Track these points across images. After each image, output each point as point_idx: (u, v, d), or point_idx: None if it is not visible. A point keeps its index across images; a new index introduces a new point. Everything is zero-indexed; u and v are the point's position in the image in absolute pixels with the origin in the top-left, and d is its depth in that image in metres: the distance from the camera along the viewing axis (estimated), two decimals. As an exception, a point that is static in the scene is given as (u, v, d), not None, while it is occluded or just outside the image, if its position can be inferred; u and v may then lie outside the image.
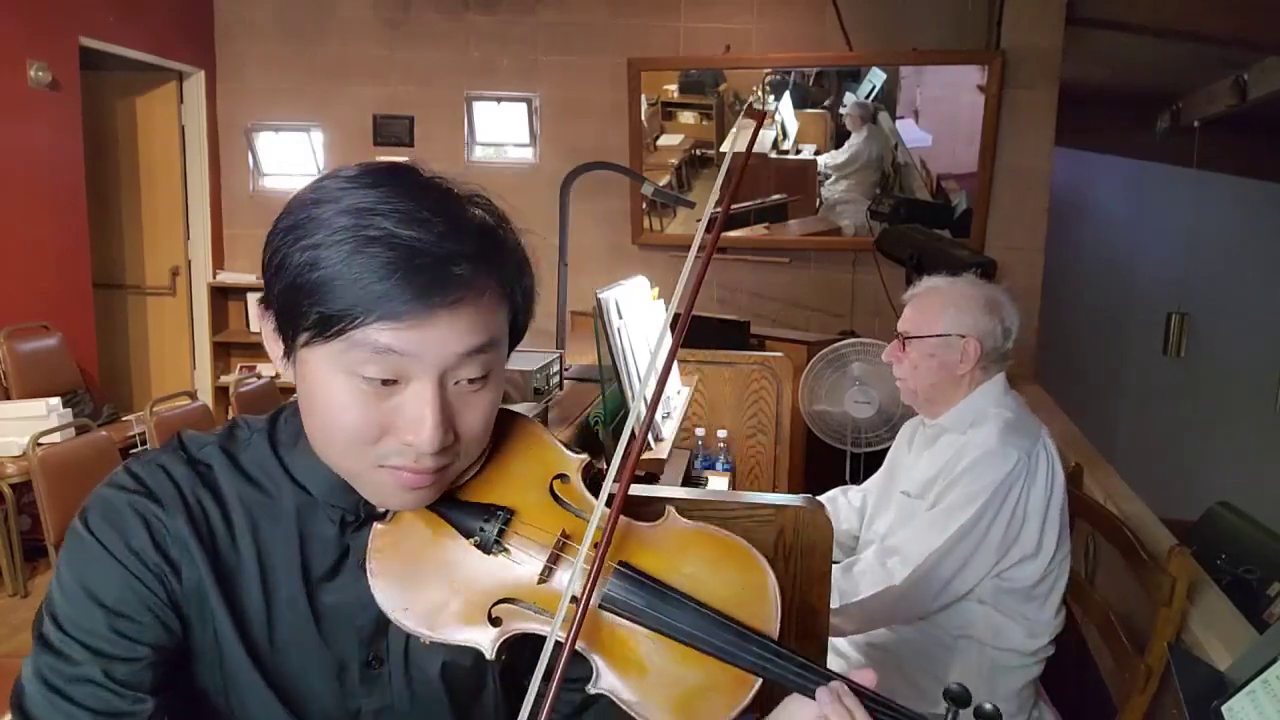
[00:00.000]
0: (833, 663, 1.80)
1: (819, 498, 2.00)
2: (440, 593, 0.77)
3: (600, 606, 0.76)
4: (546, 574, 0.77)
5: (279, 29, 5.00)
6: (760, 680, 0.76)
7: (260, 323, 0.77)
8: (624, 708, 0.75)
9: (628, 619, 0.76)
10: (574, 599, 0.73)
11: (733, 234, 4.82)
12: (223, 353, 5.22)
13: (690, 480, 2.33)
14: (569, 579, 0.74)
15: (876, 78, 4.60)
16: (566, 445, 0.84)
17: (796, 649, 0.77)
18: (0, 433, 3.32)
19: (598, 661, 0.76)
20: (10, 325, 3.77)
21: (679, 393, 2.05)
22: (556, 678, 0.70)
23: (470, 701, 0.87)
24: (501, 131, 5.00)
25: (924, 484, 1.77)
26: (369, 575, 0.77)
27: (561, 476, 0.81)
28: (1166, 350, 4.92)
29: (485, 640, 0.75)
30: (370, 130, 5.02)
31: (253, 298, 5.13)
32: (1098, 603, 1.87)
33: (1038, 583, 1.68)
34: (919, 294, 1.83)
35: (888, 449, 2.11)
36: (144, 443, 3.44)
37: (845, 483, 3.02)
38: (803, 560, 1.32)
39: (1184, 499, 3.41)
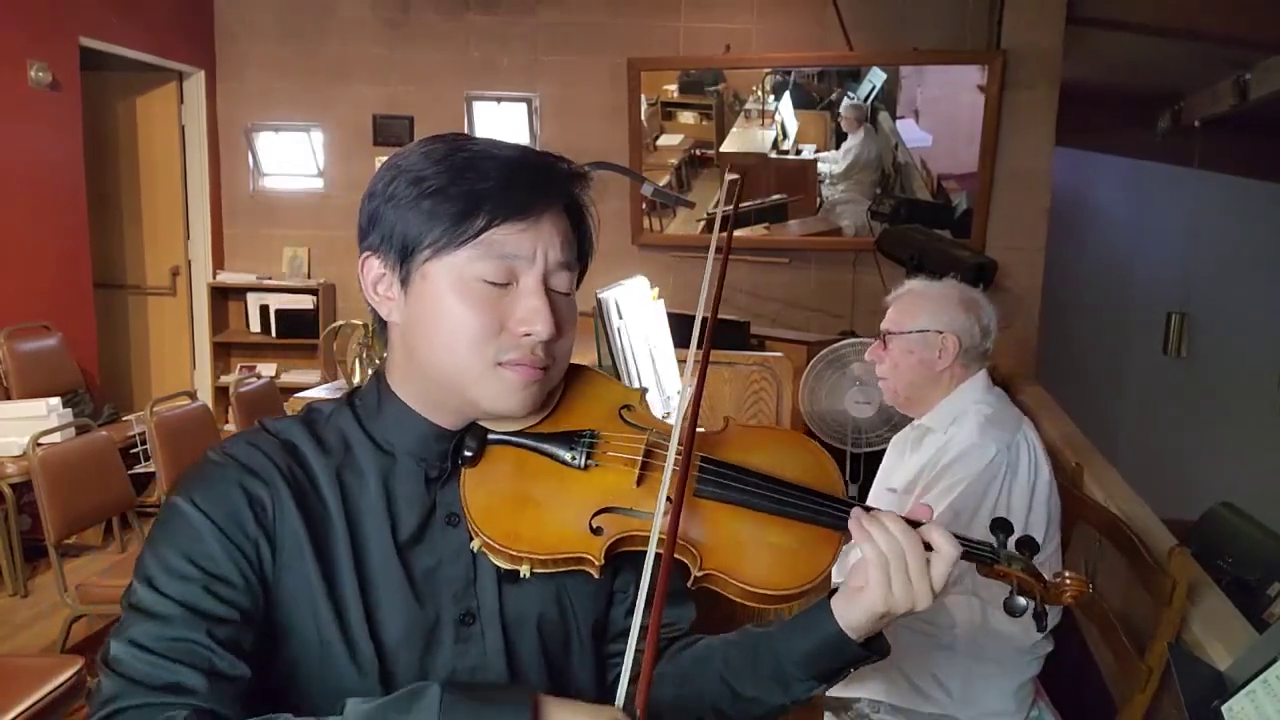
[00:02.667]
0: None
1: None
2: (542, 514, 0.82)
3: (695, 495, 0.83)
4: (640, 479, 0.84)
5: (279, 29, 5.00)
6: (843, 535, 0.83)
7: (363, 276, 0.84)
8: (729, 580, 0.81)
9: (720, 501, 0.84)
10: (668, 497, 0.78)
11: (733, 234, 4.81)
12: (223, 353, 5.22)
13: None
14: (664, 477, 0.79)
15: (876, 78, 4.60)
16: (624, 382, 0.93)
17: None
18: (0, 433, 3.32)
19: (698, 547, 0.81)
20: (10, 325, 3.77)
21: (679, 392, 2.04)
22: (666, 562, 0.73)
23: (562, 660, 0.89)
24: (502, 131, 5.00)
25: (909, 482, 1.81)
26: (471, 516, 0.81)
27: (627, 406, 0.90)
28: (1166, 350, 4.92)
29: (593, 549, 0.80)
30: (370, 130, 5.02)
31: (253, 298, 5.14)
32: (1098, 603, 1.86)
33: None
34: (900, 295, 1.90)
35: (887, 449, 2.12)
36: (144, 442, 3.44)
37: (845, 483, 3.02)
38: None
39: (1184, 499, 3.41)
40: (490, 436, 0.85)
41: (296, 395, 2.44)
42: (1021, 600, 0.81)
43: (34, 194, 3.97)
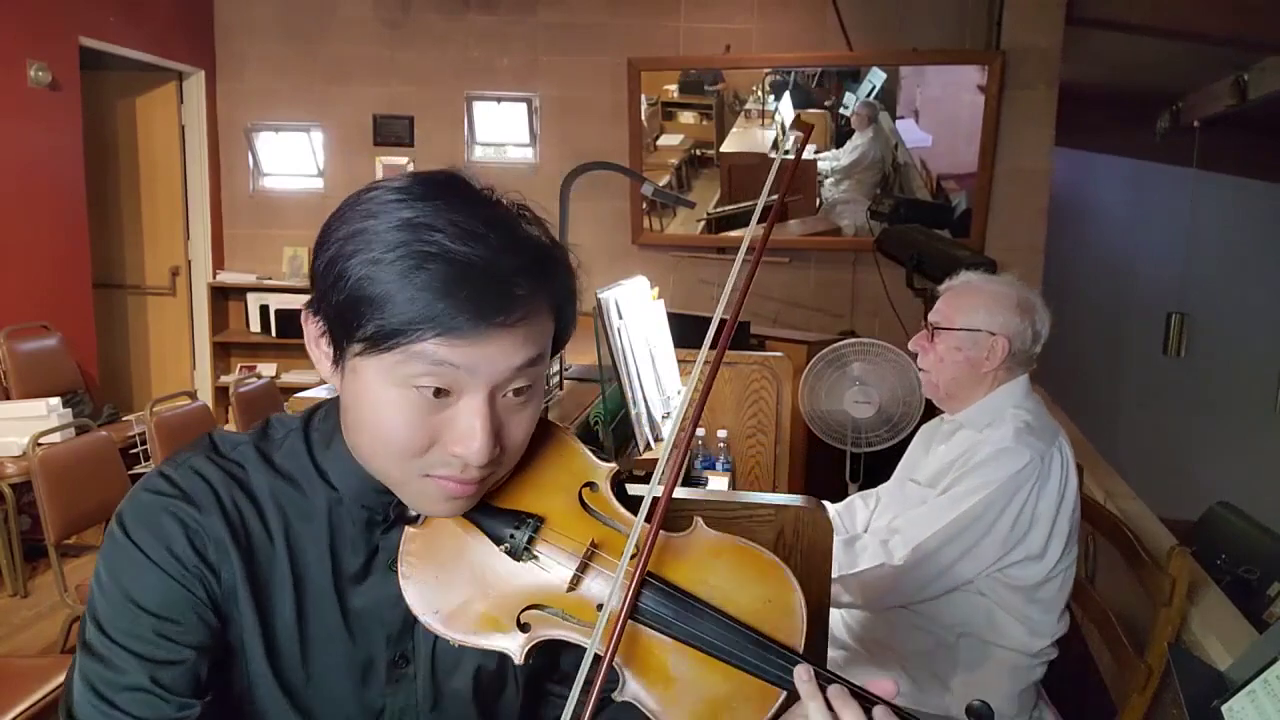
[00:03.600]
0: (834, 657, 1.80)
1: (834, 505, 2.01)
2: (470, 597, 0.78)
3: (632, 617, 0.76)
4: (575, 582, 0.78)
5: (279, 29, 5.00)
6: (785, 694, 0.76)
7: (306, 327, 0.77)
8: (650, 716, 0.76)
9: (657, 630, 0.77)
10: (604, 608, 0.74)
11: (732, 234, 4.82)
12: (223, 353, 5.23)
13: (690, 480, 2.33)
14: (603, 589, 0.75)
15: (876, 78, 4.60)
16: (595, 453, 0.85)
17: (823, 664, 0.77)
18: (0, 433, 3.32)
19: (625, 671, 0.76)
20: (10, 325, 3.77)
21: (679, 393, 2.05)
22: (595, 690, 0.70)
23: (493, 703, 0.88)
24: (501, 131, 5.01)
25: (935, 474, 1.77)
26: (401, 577, 0.78)
27: (590, 485, 0.82)
28: (1166, 350, 4.91)
29: (514, 645, 0.76)
30: (370, 130, 5.02)
31: (253, 298, 5.13)
32: (1098, 603, 1.86)
33: (1041, 584, 1.68)
34: (955, 287, 1.81)
35: (888, 449, 2.11)
36: (144, 443, 3.44)
37: (845, 483, 3.02)
38: (803, 560, 1.32)
39: (1184, 499, 3.41)
40: None
41: (297, 395, 2.44)
42: None
43: (34, 194, 3.97)
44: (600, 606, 0.76)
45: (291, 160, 5.13)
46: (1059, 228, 4.93)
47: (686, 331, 2.34)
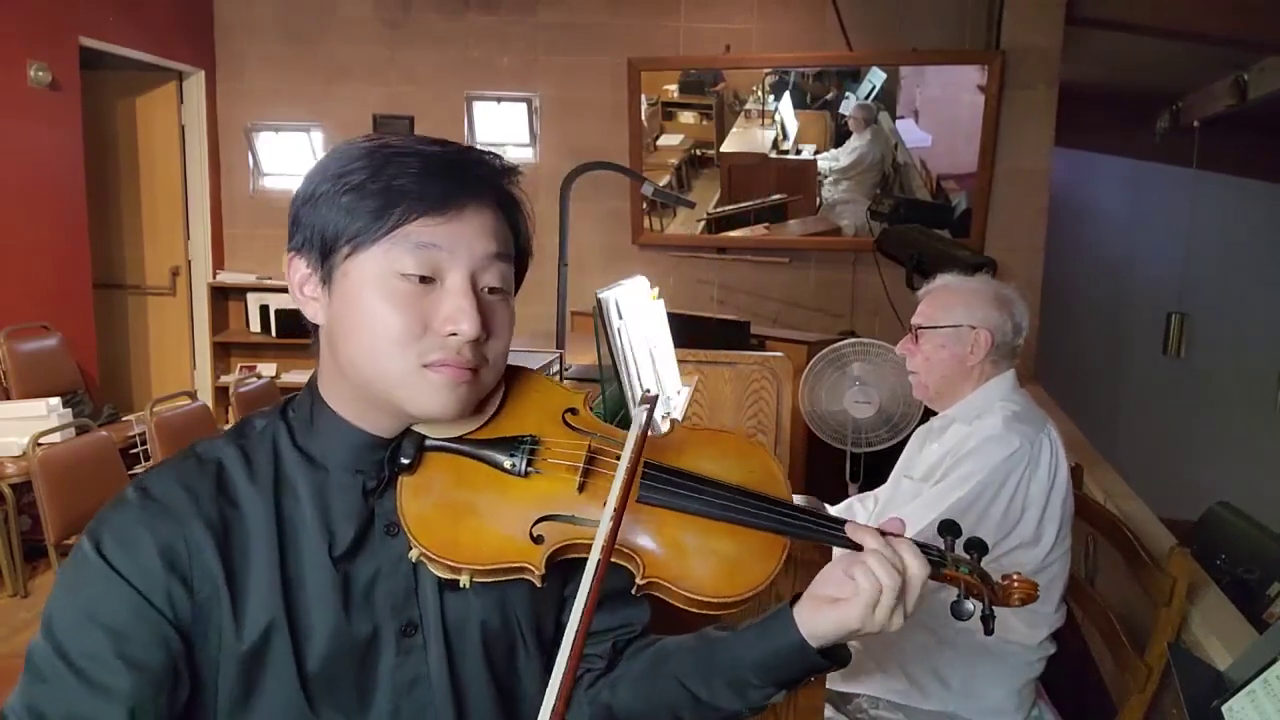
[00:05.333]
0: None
1: (833, 508, 2.02)
2: (482, 523, 0.81)
3: (639, 501, 0.82)
4: (582, 485, 0.82)
5: (279, 29, 5.00)
6: (789, 540, 0.82)
7: (291, 275, 0.81)
8: (673, 588, 0.80)
9: (664, 507, 0.82)
10: (611, 492, 0.77)
11: (733, 234, 4.83)
12: (223, 353, 5.22)
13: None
14: (614, 485, 0.77)
15: (876, 78, 4.60)
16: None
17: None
18: (0, 433, 3.32)
19: (640, 556, 0.81)
20: (10, 325, 3.77)
21: (679, 393, 2.05)
22: (606, 557, 0.71)
23: (506, 668, 0.88)
24: (501, 131, 5.00)
25: (929, 470, 1.80)
26: (409, 525, 0.79)
27: (571, 410, 0.88)
28: (1166, 350, 4.91)
29: (532, 559, 0.79)
30: (370, 130, 5.02)
31: (253, 298, 5.14)
32: (1098, 603, 1.87)
33: (1036, 572, 1.69)
34: (933, 289, 1.87)
35: (888, 449, 2.12)
36: (144, 443, 3.44)
37: (845, 483, 3.03)
38: (803, 560, 1.32)
39: (1184, 499, 3.41)
40: (428, 443, 0.83)
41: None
42: (969, 604, 0.79)
43: (34, 194, 3.97)
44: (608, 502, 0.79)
45: (291, 160, 5.12)
46: (1059, 228, 4.93)
47: (686, 331, 2.34)
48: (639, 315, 1.77)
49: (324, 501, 0.81)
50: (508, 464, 0.82)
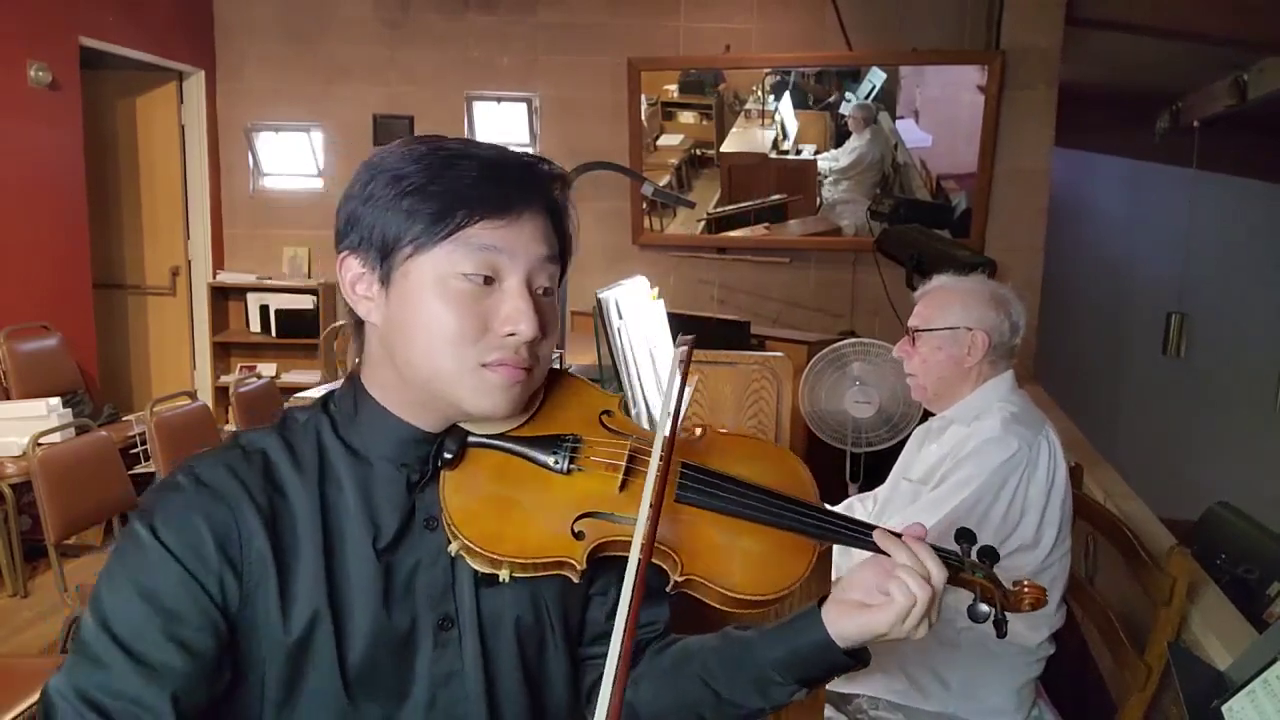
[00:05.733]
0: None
1: (834, 508, 2.02)
2: (525, 518, 0.82)
3: (676, 501, 0.84)
4: (623, 485, 0.84)
5: (279, 29, 5.00)
6: (820, 544, 0.85)
7: (343, 274, 0.84)
8: (708, 585, 0.82)
9: (700, 507, 0.85)
10: (646, 492, 0.79)
11: (733, 234, 4.83)
12: (223, 353, 5.22)
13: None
14: (647, 484, 0.79)
15: (876, 78, 4.60)
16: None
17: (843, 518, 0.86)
18: (0, 433, 3.32)
19: (678, 551, 0.83)
20: (10, 325, 3.77)
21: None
22: (645, 559, 0.72)
23: (537, 663, 0.89)
24: (501, 131, 5.00)
25: (928, 471, 1.80)
26: (452, 518, 0.80)
27: (607, 412, 0.90)
28: (1166, 350, 4.92)
29: (575, 553, 0.81)
30: (370, 130, 5.02)
31: (253, 298, 5.13)
32: (1098, 603, 1.87)
33: (1036, 574, 1.69)
34: (929, 291, 1.87)
35: (888, 449, 2.12)
36: (144, 442, 3.44)
37: (845, 483, 3.02)
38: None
39: (1184, 499, 3.41)
40: (471, 439, 0.84)
41: (297, 395, 2.44)
42: (984, 608, 0.82)
43: (34, 194, 3.97)
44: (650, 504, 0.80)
45: (291, 160, 5.12)
46: (1059, 228, 4.93)
47: (686, 331, 2.34)
48: (639, 315, 1.77)
49: (368, 493, 0.82)
50: (551, 461, 0.84)
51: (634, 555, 0.72)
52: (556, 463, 0.84)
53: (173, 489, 0.78)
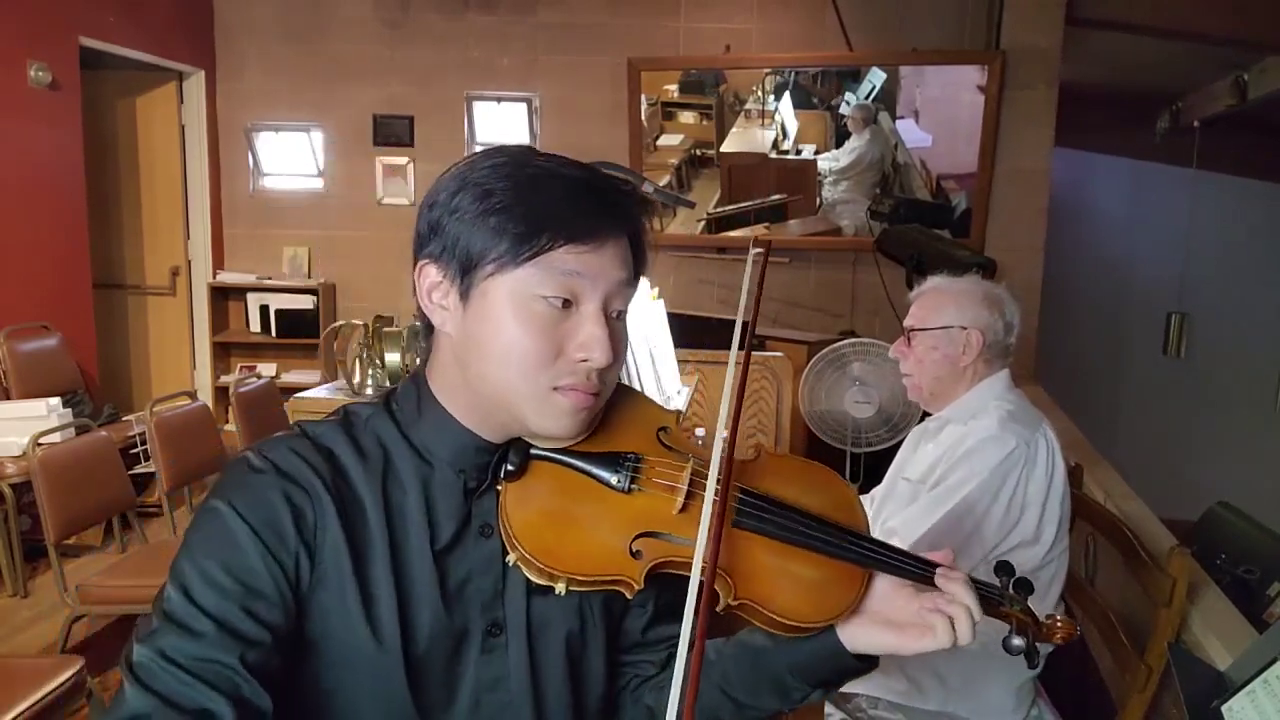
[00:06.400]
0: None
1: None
2: (584, 534, 0.83)
3: (733, 525, 0.85)
4: (685, 506, 0.84)
5: (279, 29, 5.00)
6: (870, 572, 0.85)
7: (420, 281, 0.83)
8: (760, 610, 0.82)
9: (756, 533, 0.85)
10: (704, 516, 0.79)
11: (733, 234, 4.82)
12: (223, 353, 5.23)
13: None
14: (705, 507, 0.80)
15: (876, 78, 4.60)
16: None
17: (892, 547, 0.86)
18: (0, 433, 3.32)
19: (732, 575, 0.83)
20: (10, 325, 3.77)
21: (679, 393, 2.05)
22: (708, 589, 0.73)
23: (580, 670, 0.91)
24: (501, 131, 5.01)
25: (925, 471, 1.80)
26: (512, 530, 0.81)
27: (664, 428, 0.90)
28: (1166, 350, 4.91)
29: (633, 572, 0.81)
30: (370, 130, 5.02)
31: (253, 298, 5.14)
32: (1098, 603, 1.87)
33: (1036, 571, 1.69)
34: (924, 292, 1.88)
35: (888, 449, 2.12)
36: (144, 443, 3.44)
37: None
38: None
39: (1184, 499, 3.41)
40: (533, 452, 0.85)
41: (297, 395, 2.44)
42: (1018, 641, 0.83)
43: (34, 194, 3.97)
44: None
45: (291, 160, 5.13)
46: (1059, 228, 4.93)
47: (686, 331, 2.34)
48: (639, 315, 1.77)
49: (429, 495, 0.83)
50: (613, 480, 0.84)
51: (694, 578, 0.74)
52: (619, 481, 0.84)
53: (251, 470, 0.80)
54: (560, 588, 0.80)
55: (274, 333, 5.07)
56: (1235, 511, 2.72)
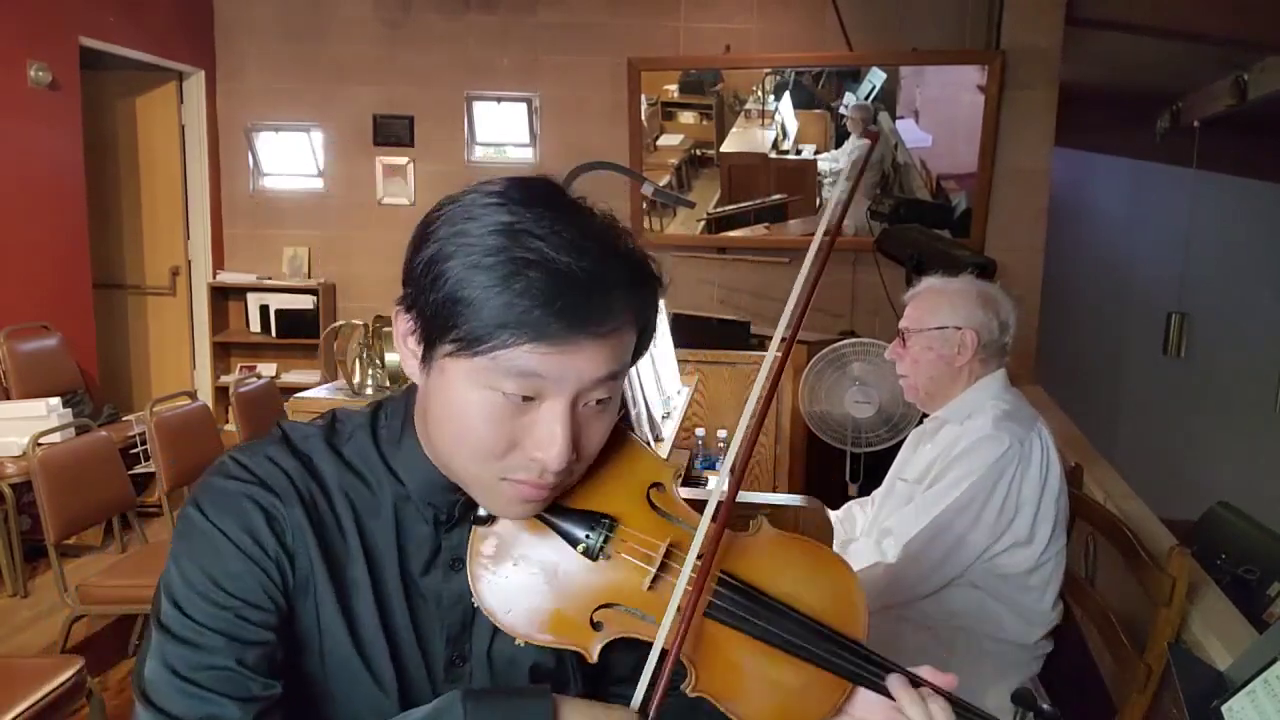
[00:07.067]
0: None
1: (833, 513, 2.03)
2: (544, 597, 0.79)
3: (705, 615, 0.78)
4: (655, 581, 0.78)
5: (279, 29, 5.00)
6: (853, 685, 0.77)
7: (397, 323, 0.78)
8: (718, 705, 0.77)
9: (730, 626, 0.78)
10: (672, 602, 0.74)
11: (733, 234, 4.82)
12: (222, 353, 5.23)
13: (690, 480, 2.33)
14: (675, 588, 0.75)
15: (876, 78, 4.60)
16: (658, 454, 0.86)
17: (883, 655, 0.78)
18: (0, 433, 3.32)
19: (695, 666, 0.77)
20: (10, 325, 3.77)
21: (679, 393, 2.05)
22: (661, 685, 0.71)
23: None
24: (501, 131, 5.01)
25: (922, 471, 1.81)
26: (472, 578, 0.79)
27: (657, 485, 0.83)
28: (1166, 350, 4.92)
29: (588, 644, 0.78)
30: (370, 130, 5.02)
31: (253, 298, 5.14)
32: (1098, 603, 1.86)
33: (1032, 571, 1.70)
34: (919, 292, 1.89)
35: (888, 449, 2.13)
36: (144, 443, 3.44)
37: (846, 483, 3.02)
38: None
39: (1184, 499, 3.41)
40: None
41: (296, 395, 2.44)
42: None
43: (34, 194, 3.97)
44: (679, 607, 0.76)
45: (291, 160, 5.12)
46: (1059, 228, 4.93)
47: (686, 331, 2.34)
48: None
49: (400, 519, 0.82)
50: (581, 547, 0.79)
51: (651, 660, 0.71)
52: (587, 548, 0.79)
53: (224, 476, 0.78)
54: (519, 641, 0.79)
55: (274, 333, 5.07)
56: (1235, 511, 2.71)
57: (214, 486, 0.78)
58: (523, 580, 0.79)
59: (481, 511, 0.81)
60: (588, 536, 0.79)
